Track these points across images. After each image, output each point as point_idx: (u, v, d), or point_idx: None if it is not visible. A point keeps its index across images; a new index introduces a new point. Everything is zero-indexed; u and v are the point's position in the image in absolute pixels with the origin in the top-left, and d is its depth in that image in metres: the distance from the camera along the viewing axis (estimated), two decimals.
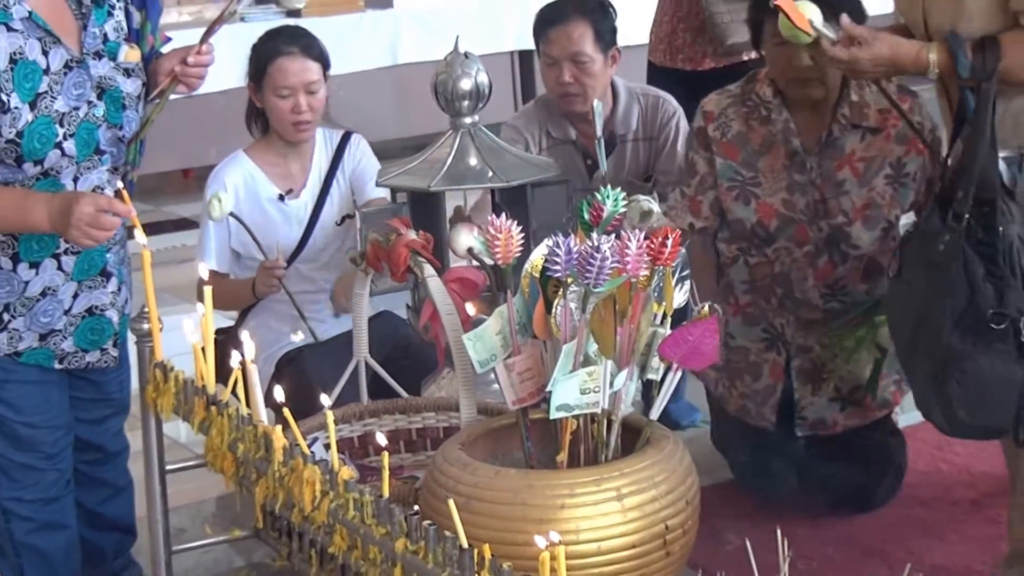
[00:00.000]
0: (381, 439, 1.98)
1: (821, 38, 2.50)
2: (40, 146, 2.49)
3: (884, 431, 3.23)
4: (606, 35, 3.61)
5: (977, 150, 2.54)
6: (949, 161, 2.70)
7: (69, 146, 2.52)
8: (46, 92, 2.49)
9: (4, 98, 2.43)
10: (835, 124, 2.96)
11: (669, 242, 2.03)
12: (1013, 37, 2.59)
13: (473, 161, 2.78)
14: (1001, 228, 2.51)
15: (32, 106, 2.47)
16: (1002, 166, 2.55)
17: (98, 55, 2.59)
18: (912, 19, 2.74)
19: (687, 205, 3.03)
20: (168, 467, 2.38)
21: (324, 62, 3.42)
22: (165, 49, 2.81)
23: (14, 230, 2.51)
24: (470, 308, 2.34)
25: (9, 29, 2.45)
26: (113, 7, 2.62)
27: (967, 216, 2.50)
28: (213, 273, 3.24)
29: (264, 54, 3.38)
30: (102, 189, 2.61)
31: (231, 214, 3.21)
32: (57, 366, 2.67)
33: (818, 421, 3.13)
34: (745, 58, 4.49)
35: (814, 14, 2.50)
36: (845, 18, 2.51)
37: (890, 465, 3.20)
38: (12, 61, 2.45)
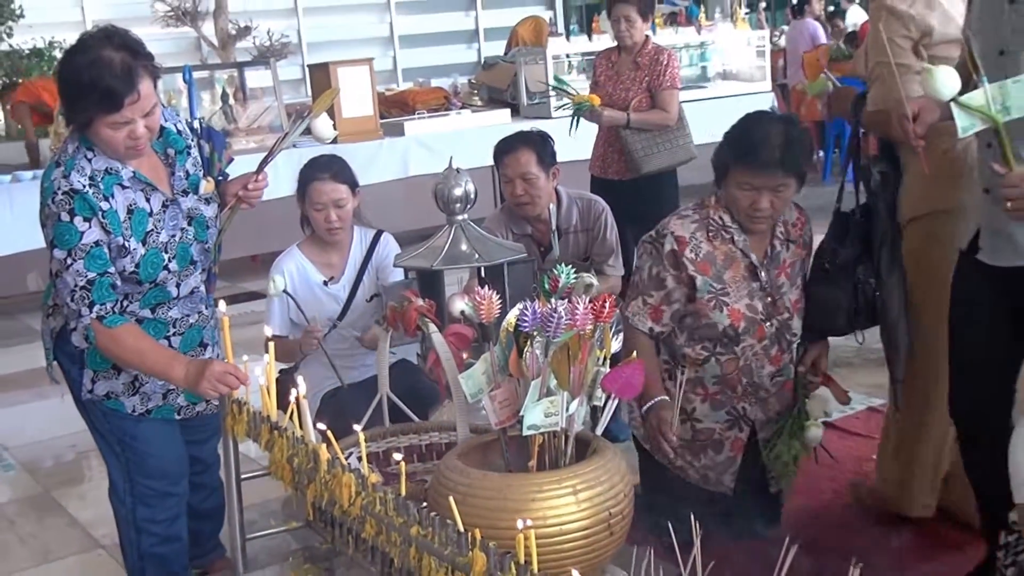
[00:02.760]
0: (398, 454, 1.95)
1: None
2: (153, 271, 2.46)
3: None
4: (547, 158, 3.60)
5: None
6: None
7: (172, 265, 2.50)
8: (152, 230, 2.46)
9: (126, 243, 2.40)
10: (775, 240, 2.85)
11: (607, 305, 2.02)
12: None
13: (464, 247, 2.76)
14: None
15: (143, 242, 2.44)
16: None
17: (184, 192, 2.56)
18: None
19: (649, 312, 2.82)
20: (243, 476, 2.34)
21: (351, 183, 3.37)
22: (230, 168, 2.77)
23: (154, 376, 2.47)
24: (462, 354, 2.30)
25: (122, 187, 2.42)
26: (189, 147, 2.59)
27: None
28: (276, 336, 3.16)
29: (305, 178, 3.35)
30: (198, 287, 2.61)
31: (285, 291, 3.17)
32: (177, 417, 2.65)
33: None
34: (645, 172, 4.57)
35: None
36: None
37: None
38: (129, 212, 2.42)
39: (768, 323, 2.84)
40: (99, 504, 2.84)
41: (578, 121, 4.76)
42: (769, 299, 2.84)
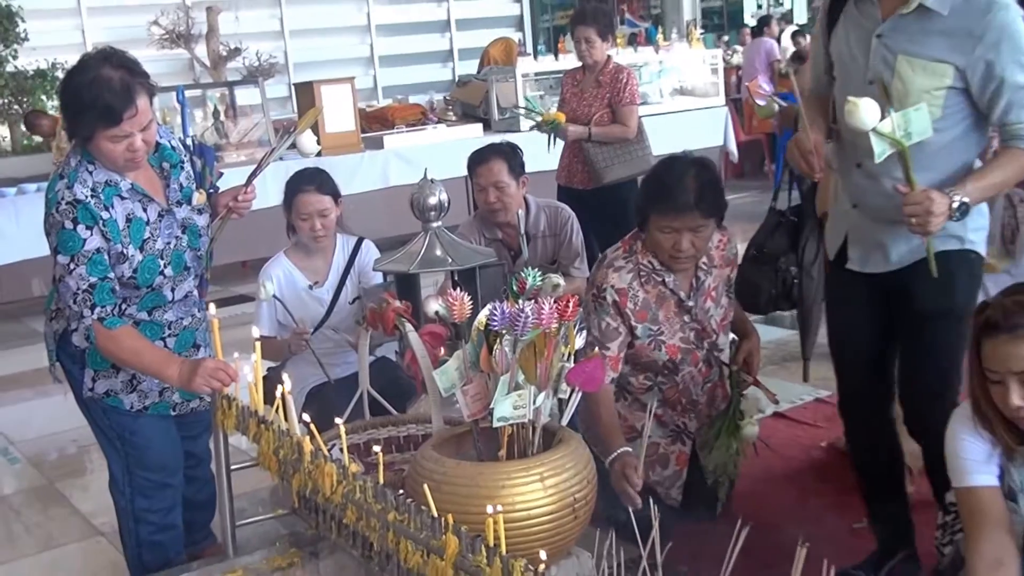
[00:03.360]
0: (377, 445, 1.95)
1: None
2: (149, 276, 2.44)
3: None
4: (516, 168, 3.61)
5: None
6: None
7: (168, 271, 2.49)
8: (149, 237, 2.45)
9: (124, 250, 2.39)
10: (699, 271, 2.82)
11: (571, 305, 2.01)
12: None
13: (438, 252, 2.77)
14: None
15: (141, 249, 2.42)
16: None
17: (179, 203, 2.54)
18: None
19: (610, 364, 2.74)
20: (233, 467, 2.32)
21: (334, 194, 3.36)
22: (220, 182, 2.75)
23: (150, 375, 2.46)
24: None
25: (121, 198, 2.41)
26: (183, 162, 2.58)
27: None
28: (264, 336, 3.18)
29: (291, 190, 3.34)
30: (192, 292, 2.59)
31: (274, 296, 3.17)
32: (172, 413, 2.62)
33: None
34: (606, 181, 4.58)
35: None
36: None
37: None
38: (127, 221, 2.41)
39: (699, 348, 2.84)
40: (99, 495, 2.81)
41: (553, 140, 4.78)
42: (699, 326, 2.83)
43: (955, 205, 2.08)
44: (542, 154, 4.91)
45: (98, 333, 2.34)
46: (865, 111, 2.05)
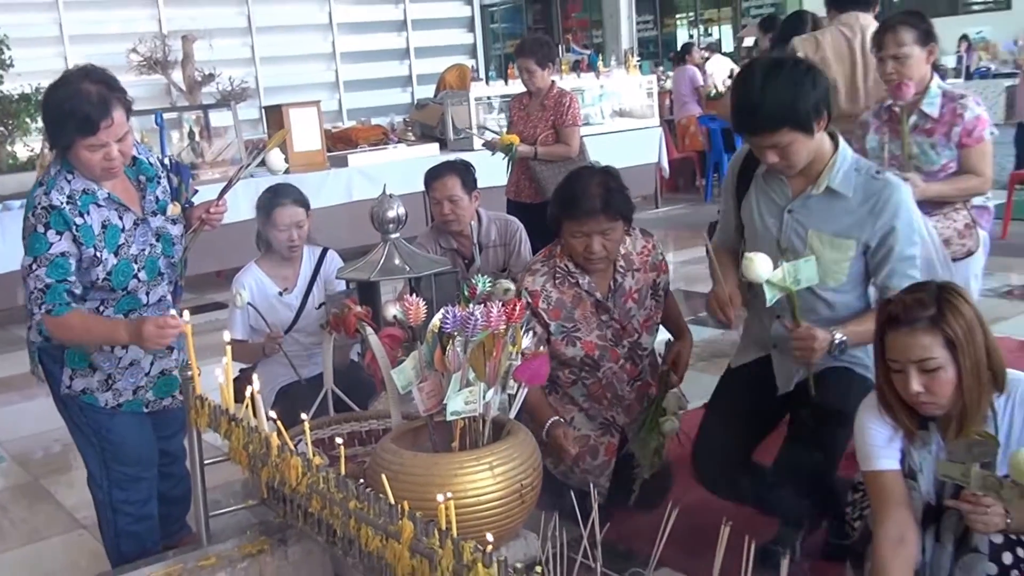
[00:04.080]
0: (339, 438, 1.93)
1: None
2: (124, 279, 2.42)
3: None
4: (469, 183, 3.60)
5: None
6: None
7: (142, 275, 2.46)
8: (124, 243, 2.42)
9: (98, 254, 2.36)
10: (616, 274, 2.81)
11: (517, 308, 2.02)
12: None
13: (397, 261, 2.75)
14: None
15: (116, 254, 2.40)
16: None
17: (154, 213, 2.52)
18: None
19: None
20: (206, 461, 2.30)
21: (306, 205, 3.36)
22: (195, 198, 2.74)
23: (106, 343, 2.44)
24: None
25: (98, 205, 2.38)
26: (160, 178, 2.55)
27: None
28: (238, 340, 3.22)
29: (269, 204, 3.30)
30: (165, 296, 2.56)
31: (249, 303, 3.15)
32: (145, 411, 2.59)
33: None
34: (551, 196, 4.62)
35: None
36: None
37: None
38: (103, 227, 2.38)
39: (619, 346, 2.84)
40: (82, 491, 2.75)
41: (511, 164, 4.78)
42: (618, 326, 2.82)
43: (836, 342, 2.23)
44: (493, 171, 4.92)
45: (48, 323, 2.33)
46: (760, 265, 2.17)
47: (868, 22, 3.70)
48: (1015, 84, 12.91)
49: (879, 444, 1.96)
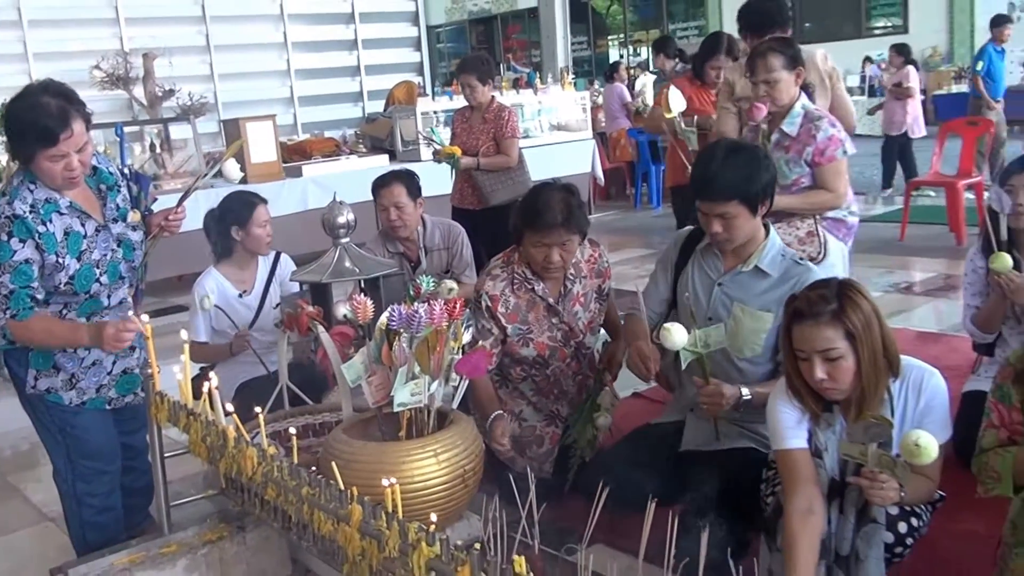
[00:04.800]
0: (292, 429, 1.91)
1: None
2: (86, 283, 2.36)
3: None
4: (414, 190, 3.60)
5: None
6: None
7: (104, 279, 2.40)
8: (86, 249, 2.37)
9: (60, 260, 2.30)
10: (567, 281, 2.84)
11: (457, 306, 2.02)
12: None
13: (347, 264, 2.73)
14: None
15: (78, 259, 2.34)
16: None
17: (115, 220, 2.47)
18: None
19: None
20: (167, 454, 2.26)
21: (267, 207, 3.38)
22: (154, 206, 2.69)
23: (68, 346, 2.39)
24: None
25: (60, 214, 2.32)
26: (120, 186, 2.50)
27: None
28: (201, 343, 3.21)
29: (248, 203, 3.28)
30: (126, 299, 2.51)
31: (216, 305, 3.13)
32: (108, 408, 2.53)
33: None
34: (493, 203, 4.62)
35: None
36: None
37: None
38: (65, 234, 2.32)
39: (567, 346, 2.86)
40: (50, 487, 2.68)
41: (454, 172, 4.78)
42: (567, 327, 2.84)
43: (742, 400, 2.31)
44: (438, 180, 4.91)
45: (11, 327, 2.28)
46: (676, 335, 2.24)
47: None
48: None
49: (789, 425, 2.00)
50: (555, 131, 8.54)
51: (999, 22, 8.91)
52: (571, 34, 13.12)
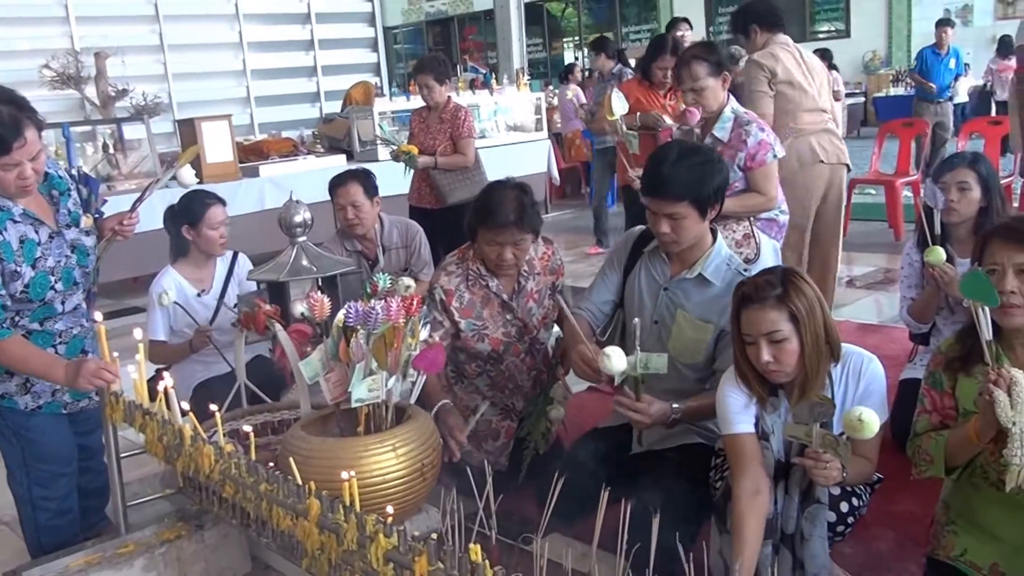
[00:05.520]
0: (248, 426, 1.90)
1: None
2: (41, 290, 2.30)
3: None
4: (370, 189, 3.59)
5: None
6: None
7: (59, 286, 2.34)
8: (41, 256, 2.31)
9: (17, 269, 2.24)
10: (520, 277, 2.82)
11: (415, 303, 2.03)
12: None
13: (305, 262, 2.72)
14: None
15: (33, 267, 2.28)
16: None
17: (68, 226, 2.41)
18: None
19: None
20: (123, 455, 2.23)
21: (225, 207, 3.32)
22: (105, 208, 2.64)
23: (38, 377, 2.32)
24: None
25: (14, 222, 2.27)
26: (70, 190, 2.45)
27: None
28: (160, 342, 3.17)
29: (201, 204, 3.22)
30: (80, 304, 2.45)
31: (175, 302, 3.09)
32: (64, 411, 2.48)
33: None
34: (450, 202, 4.62)
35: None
36: None
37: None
38: (20, 242, 2.27)
39: (521, 342, 2.86)
40: (4, 490, 2.62)
41: (407, 169, 4.77)
42: (520, 323, 2.84)
43: (673, 416, 2.26)
44: (396, 180, 4.89)
45: None
46: (616, 361, 2.14)
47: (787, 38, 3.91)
48: (856, 103, 13.65)
49: (736, 410, 2.04)
50: (511, 131, 8.57)
51: (939, 25, 9.20)
52: (526, 36, 13.15)
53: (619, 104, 3.60)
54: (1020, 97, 3.81)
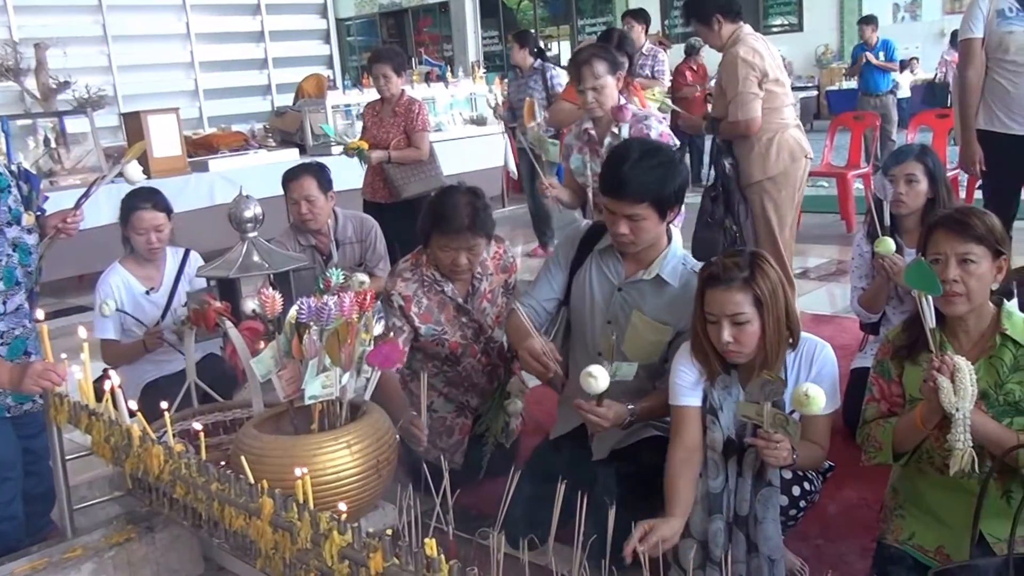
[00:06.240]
0: (198, 425, 1.88)
1: None
2: None
3: None
4: (324, 183, 3.57)
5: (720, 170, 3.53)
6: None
7: (0, 286, 2.29)
8: None
9: None
10: (474, 280, 2.82)
11: (368, 298, 2.02)
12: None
13: (256, 258, 2.69)
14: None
15: None
16: None
17: (9, 224, 2.36)
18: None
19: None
20: (69, 457, 2.18)
21: (168, 210, 3.22)
22: (48, 204, 2.59)
23: None
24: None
25: None
26: (10, 187, 2.39)
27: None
28: (112, 340, 3.12)
29: (128, 207, 3.16)
30: (23, 304, 2.41)
31: (118, 309, 3.03)
32: (7, 415, 2.43)
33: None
34: (405, 196, 4.61)
35: None
36: None
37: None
38: None
39: (477, 343, 2.87)
40: None
41: (362, 162, 4.74)
42: (476, 325, 2.85)
43: (629, 418, 2.27)
44: (350, 174, 4.87)
45: None
46: (600, 380, 2.10)
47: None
48: (809, 96, 13.88)
49: (686, 385, 2.11)
50: (467, 125, 8.55)
51: (860, 23, 9.68)
52: (482, 29, 13.15)
53: (539, 111, 3.65)
54: (959, 89, 3.90)
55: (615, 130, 3.24)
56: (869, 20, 9.74)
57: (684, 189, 2.39)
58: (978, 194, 4.39)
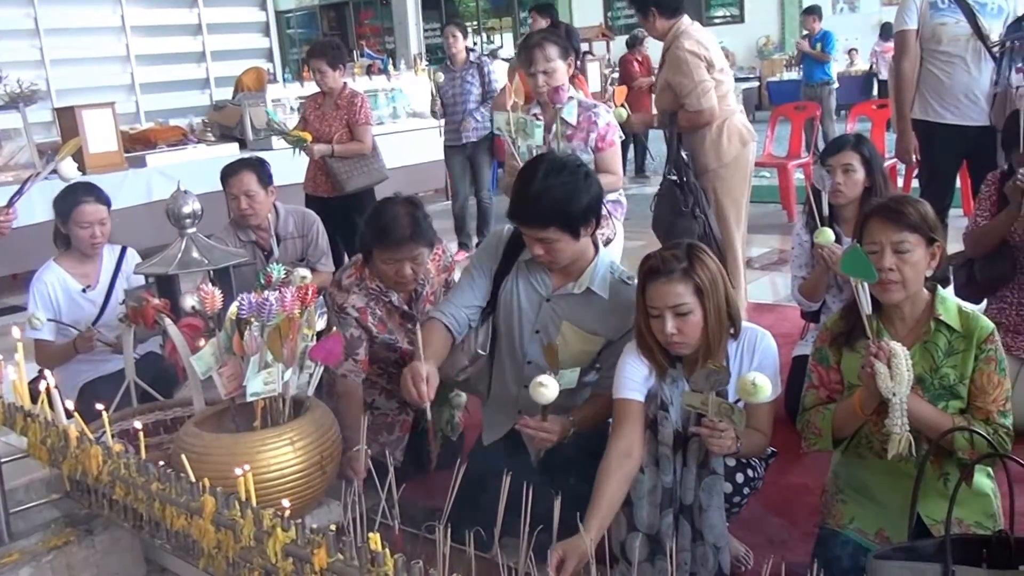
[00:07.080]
0: (137, 423, 1.84)
1: None
2: None
3: None
4: (264, 178, 3.52)
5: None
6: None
7: None
8: None
9: None
10: (417, 285, 2.79)
11: (310, 292, 2.00)
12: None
13: (195, 254, 2.63)
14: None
15: None
16: None
17: None
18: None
19: (360, 366, 2.71)
20: (3, 460, 2.11)
21: (108, 204, 3.17)
22: None
23: None
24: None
25: None
26: None
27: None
28: (46, 341, 3.06)
29: (69, 202, 3.08)
30: None
31: (50, 319, 2.97)
32: None
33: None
34: (348, 190, 4.57)
35: None
36: None
37: None
38: None
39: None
40: None
41: (298, 151, 4.68)
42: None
43: (570, 431, 2.24)
44: (291, 168, 4.81)
45: None
46: (551, 389, 2.07)
47: None
48: (751, 87, 14.11)
49: (633, 379, 2.10)
50: (408, 117, 8.50)
51: (807, 12, 9.99)
52: (424, 21, 13.06)
53: (520, 91, 3.63)
54: (895, 80, 4.00)
55: (564, 116, 3.25)
56: (812, 11, 10.00)
57: (597, 202, 2.31)
58: (916, 183, 4.52)
